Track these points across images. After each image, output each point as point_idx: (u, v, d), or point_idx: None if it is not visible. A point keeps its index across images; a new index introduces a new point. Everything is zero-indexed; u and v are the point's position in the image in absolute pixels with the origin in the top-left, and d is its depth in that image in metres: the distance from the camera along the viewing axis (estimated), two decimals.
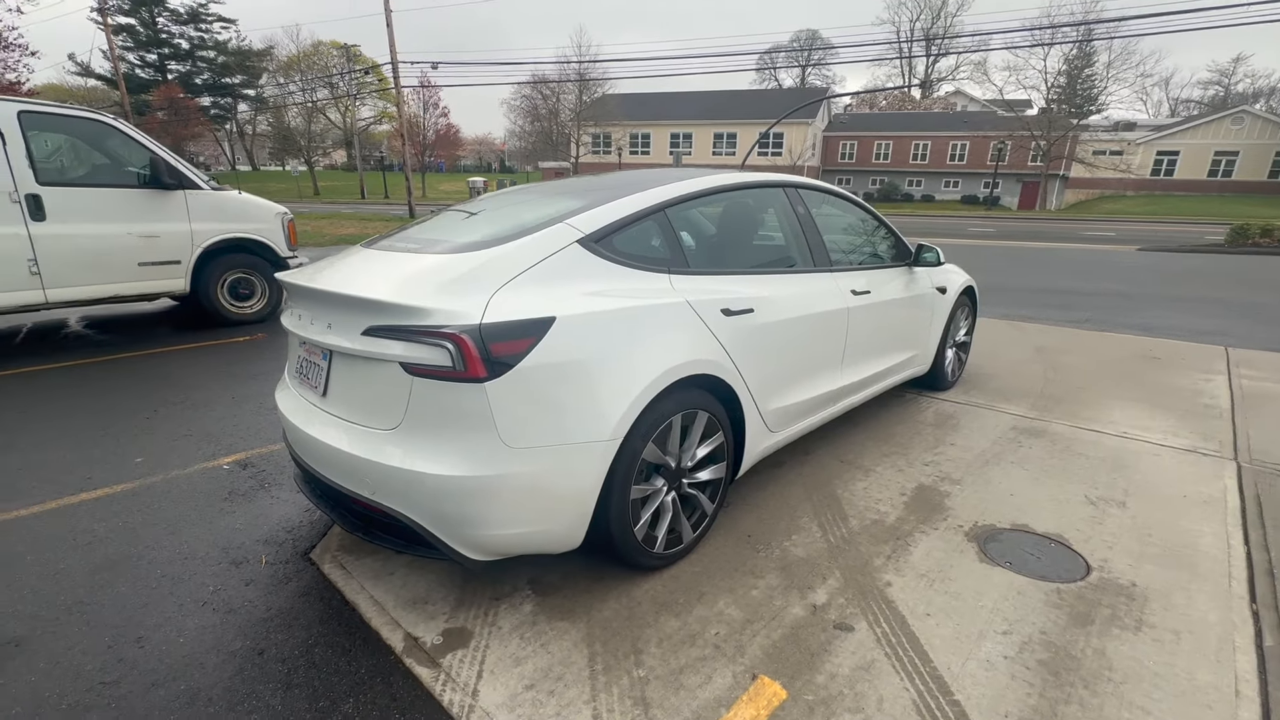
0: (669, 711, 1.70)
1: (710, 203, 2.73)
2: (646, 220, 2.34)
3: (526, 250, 2.03)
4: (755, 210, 3.01)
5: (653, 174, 2.77)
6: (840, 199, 3.46)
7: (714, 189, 2.64)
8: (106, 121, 5.35)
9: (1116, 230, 24.56)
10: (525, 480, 1.86)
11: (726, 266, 2.61)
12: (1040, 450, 3.41)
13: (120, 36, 50.85)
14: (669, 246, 2.38)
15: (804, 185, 3.14)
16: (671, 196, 2.44)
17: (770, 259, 2.94)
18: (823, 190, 3.35)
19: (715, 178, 2.69)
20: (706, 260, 2.60)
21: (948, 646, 1.93)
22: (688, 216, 2.59)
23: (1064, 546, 2.48)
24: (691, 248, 2.59)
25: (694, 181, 2.59)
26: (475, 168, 74.46)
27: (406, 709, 1.72)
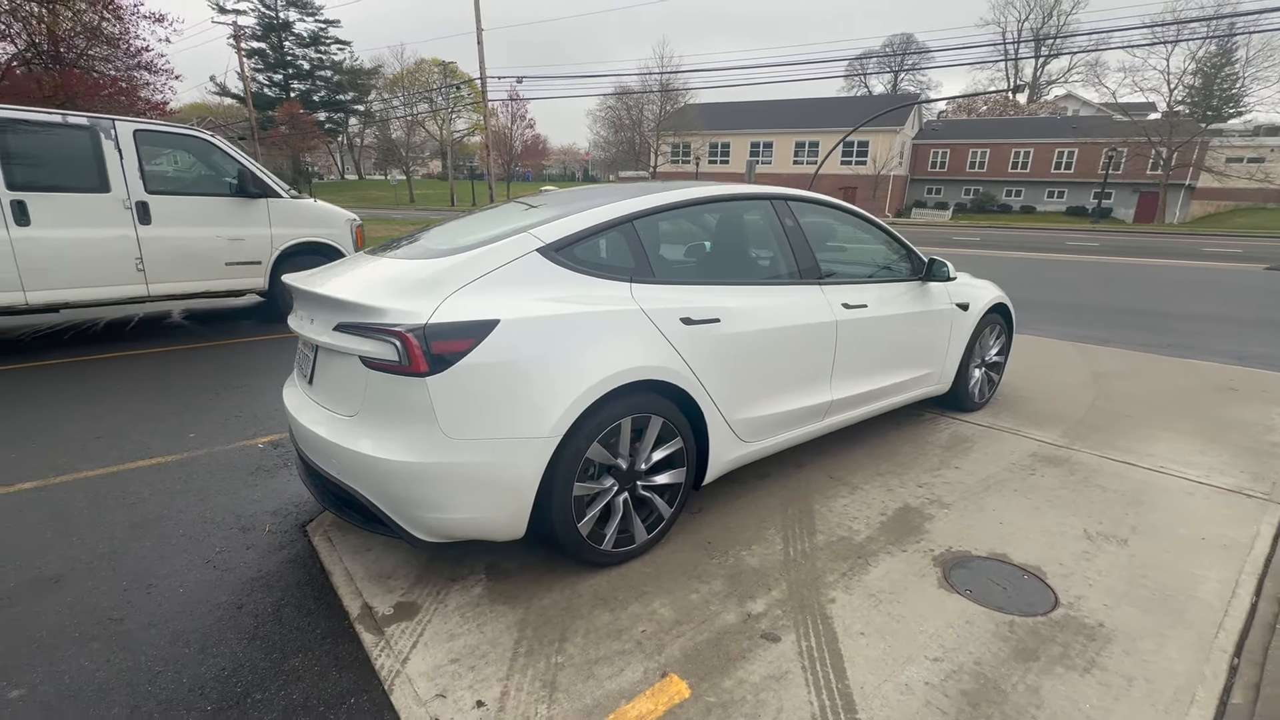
0: (572, 696, 1.79)
1: (685, 215, 2.79)
2: (611, 231, 2.45)
3: (487, 258, 2.20)
4: (735, 222, 3.04)
5: (643, 186, 2.88)
6: (843, 213, 3.41)
7: (686, 201, 2.71)
8: (204, 138, 6.08)
9: (1246, 247, 22.02)
10: (464, 469, 2.02)
11: (696, 277, 2.67)
12: (1053, 479, 3.20)
13: (253, 59, 56.63)
14: (634, 256, 2.47)
15: (797, 198, 3.13)
16: (639, 209, 2.54)
17: (747, 270, 2.97)
18: (822, 203, 3.33)
19: (692, 191, 2.76)
20: (676, 271, 2.66)
21: (870, 666, 1.90)
22: (660, 228, 2.67)
23: (1038, 580, 2.34)
24: (661, 258, 2.67)
25: (665, 195, 2.67)
26: (560, 177, 76.89)
27: (344, 668, 1.91)
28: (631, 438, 2.34)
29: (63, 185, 5.31)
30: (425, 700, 1.77)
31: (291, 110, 52.00)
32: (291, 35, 57.66)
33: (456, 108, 57.83)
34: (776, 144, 43.47)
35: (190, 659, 1.94)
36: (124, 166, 5.54)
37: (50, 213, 5.25)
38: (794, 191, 3.15)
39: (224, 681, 1.85)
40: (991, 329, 4.20)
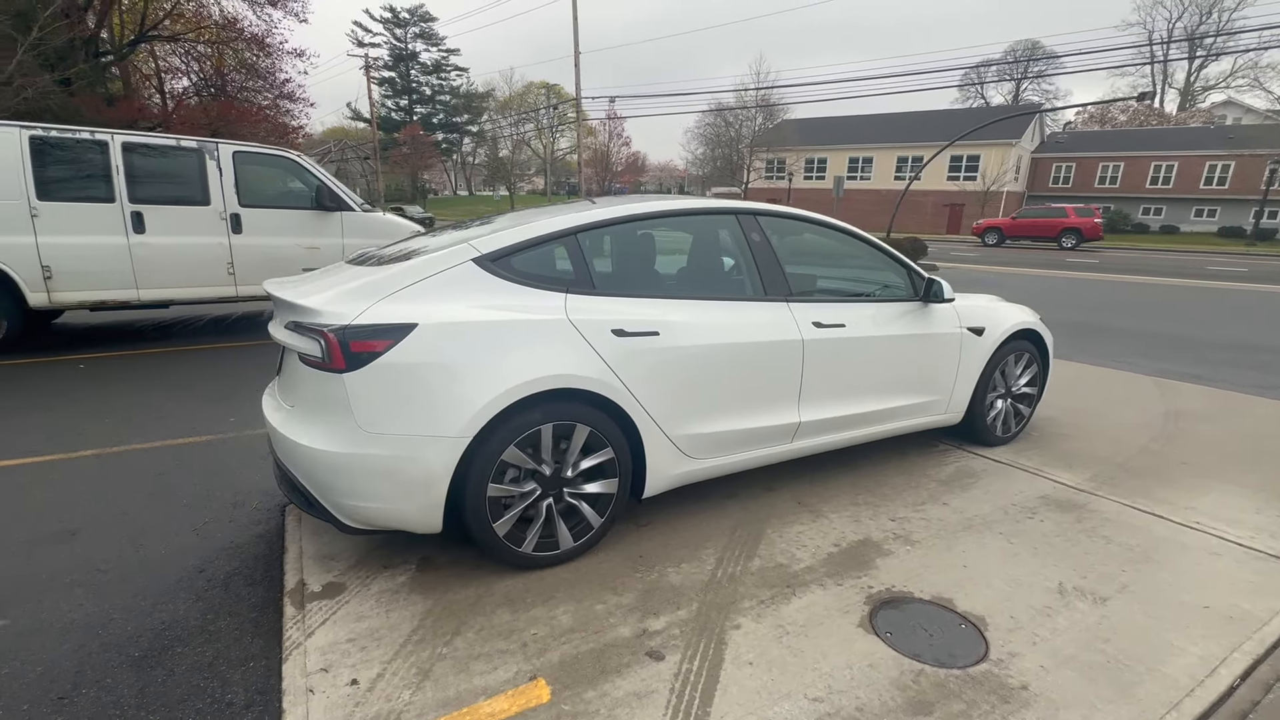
0: (439, 686, 1.86)
1: (639, 229, 2.81)
2: (553, 243, 2.53)
3: (424, 266, 2.35)
4: (695, 238, 3.02)
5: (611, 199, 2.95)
6: (832, 230, 3.28)
7: (639, 216, 2.74)
8: (291, 157, 6.84)
9: None
10: (377, 461, 2.16)
11: (641, 290, 2.67)
12: (1052, 525, 2.89)
13: (383, 87, 62.39)
14: (575, 268, 2.54)
15: (769, 213, 3.06)
16: (584, 222, 2.60)
17: (700, 285, 2.94)
18: (804, 220, 3.23)
19: (647, 205, 2.79)
20: (620, 283, 2.68)
21: (741, 697, 1.82)
22: (609, 242, 2.72)
23: (975, 630, 2.13)
24: (606, 271, 2.70)
25: (619, 209, 2.71)
26: (655, 192, 78.16)
27: (259, 635, 2.10)
28: (554, 445, 2.39)
29: (173, 199, 6.16)
30: (310, 672, 1.91)
31: (413, 132, 56.71)
32: (417, 64, 63.06)
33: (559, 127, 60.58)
34: (877, 159, 41.76)
35: (142, 610, 2.21)
36: (223, 183, 6.35)
37: (161, 222, 6.11)
38: (766, 206, 3.08)
39: (158, 633, 2.09)
40: (1017, 357, 3.84)
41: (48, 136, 5.66)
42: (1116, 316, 9.49)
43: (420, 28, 62.13)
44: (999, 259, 21.35)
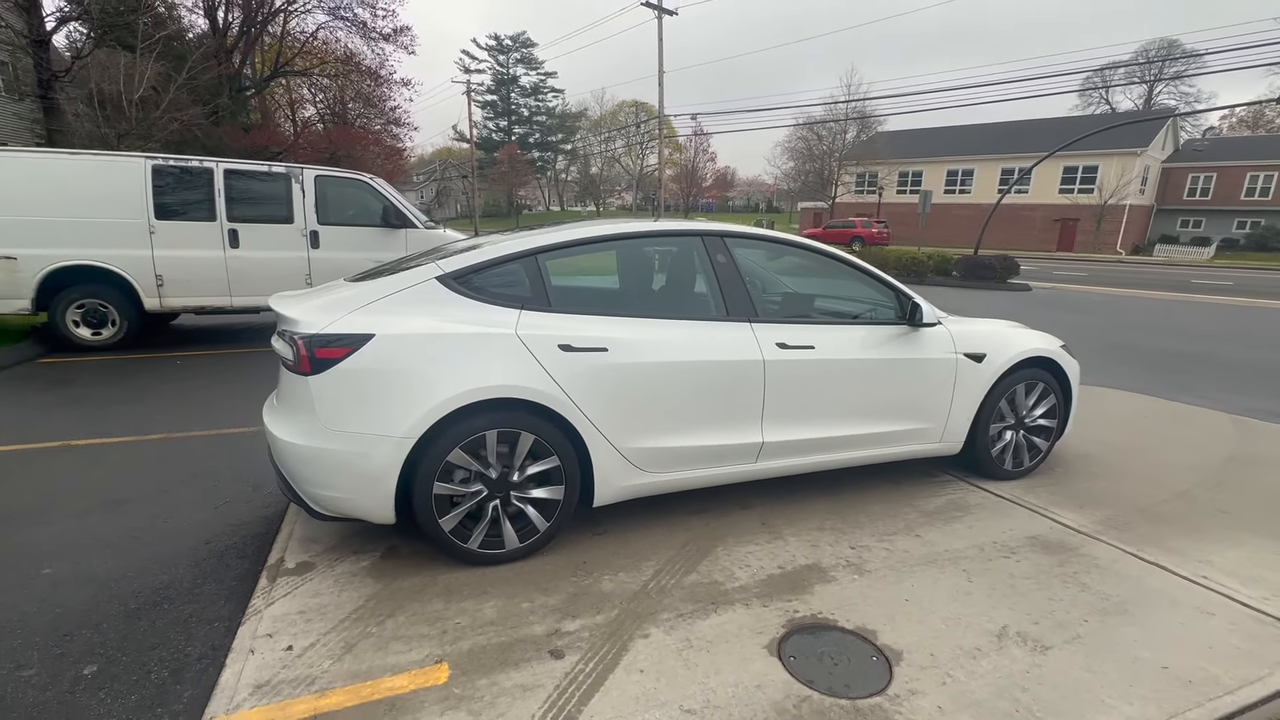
0: (357, 659, 2.07)
1: (600, 250, 2.95)
2: (513, 263, 2.73)
3: (393, 283, 2.63)
4: (654, 258, 3.11)
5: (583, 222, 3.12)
6: (806, 251, 3.27)
7: (599, 238, 2.89)
8: (364, 180, 7.56)
9: None
10: (336, 456, 2.43)
11: (596, 309, 2.80)
12: (1029, 567, 2.71)
13: (485, 110, 66.36)
14: (532, 286, 2.72)
15: (735, 234, 3.10)
16: (545, 244, 2.78)
17: (656, 305, 3.01)
18: (773, 241, 3.25)
19: (610, 227, 2.93)
20: (576, 301, 2.81)
21: (619, 701, 1.90)
22: (570, 262, 2.87)
23: (886, 664, 2.08)
24: (564, 289, 2.84)
25: (583, 231, 2.87)
26: (743, 209, 77.61)
27: (230, 601, 2.41)
28: (500, 450, 2.57)
29: (263, 218, 7.00)
30: (257, 636, 2.19)
31: (510, 152, 59.78)
32: (517, 87, 66.61)
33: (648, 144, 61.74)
34: (978, 171, 39.33)
35: (151, 571, 2.60)
36: (304, 204, 7.13)
37: (252, 238, 6.95)
38: (734, 228, 3.13)
39: (155, 591, 2.46)
40: (1029, 387, 3.60)
41: (165, 165, 6.63)
42: (1231, 346, 8.46)
43: (521, 53, 65.70)
44: (1110, 279, 19.46)
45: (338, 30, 25.86)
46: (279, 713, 1.84)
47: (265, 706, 1.86)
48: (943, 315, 3.45)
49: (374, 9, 25.44)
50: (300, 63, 26.15)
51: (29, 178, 6.17)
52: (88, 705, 1.88)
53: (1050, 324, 9.91)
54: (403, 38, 26.50)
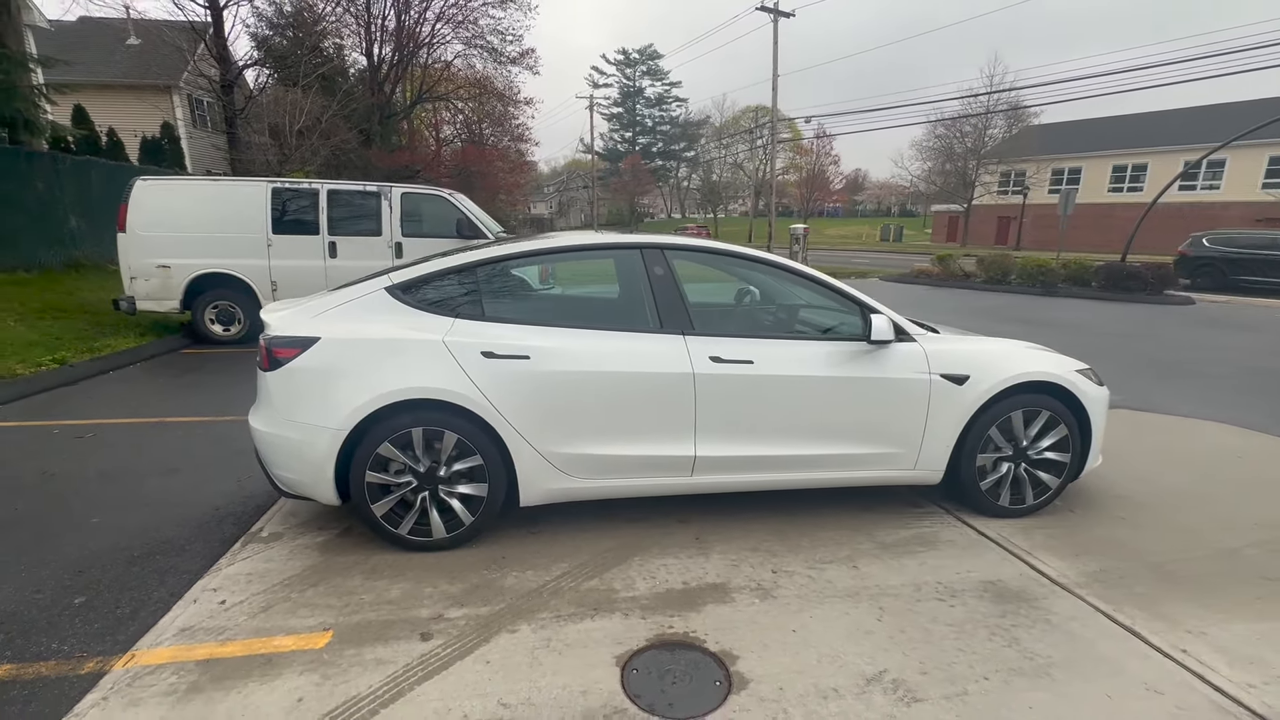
0: (269, 618, 2.39)
1: (535, 263, 3.09)
2: (452, 276, 2.97)
3: (350, 293, 2.97)
4: (590, 270, 3.17)
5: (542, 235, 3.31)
6: (757, 264, 3.18)
7: (536, 251, 3.03)
8: (443, 195, 8.31)
9: None
10: (287, 442, 2.80)
11: (525, 318, 2.95)
12: (962, 614, 2.45)
13: (612, 122, 68.88)
14: (469, 297, 2.94)
15: (676, 247, 3.09)
16: (485, 257, 2.99)
17: (591, 315, 3.07)
18: (720, 253, 3.21)
19: (549, 241, 3.07)
20: (508, 311, 2.97)
21: (453, 687, 2.03)
22: (507, 274, 3.04)
23: (725, 691, 2.01)
24: (500, 299, 3.01)
25: (523, 245, 3.05)
26: (873, 213, 73.53)
27: (204, 558, 2.85)
28: (426, 446, 2.81)
29: (356, 231, 7.95)
30: (206, 589, 2.59)
31: (633, 162, 61.56)
32: (642, 99, 68.42)
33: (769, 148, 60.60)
34: (1153, 165, 34.11)
35: (163, 528, 3.14)
36: (392, 219, 7.99)
37: (348, 249, 7.91)
38: (676, 240, 3.12)
39: (156, 544, 2.98)
40: (1031, 416, 3.20)
41: (281, 187, 7.77)
42: None
43: (648, 65, 67.44)
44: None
45: (472, 58, 28.33)
46: (184, 653, 2.20)
47: (177, 646, 2.23)
48: (919, 331, 3.18)
49: (503, 35, 27.56)
50: (440, 88, 28.93)
51: (178, 200, 7.52)
52: (65, 625, 2.36)
53: (1190, 343, 8.49)
54: (528, 60, 28.44)
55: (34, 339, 6.93)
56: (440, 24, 26.56)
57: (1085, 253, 25.43)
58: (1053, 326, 9.87)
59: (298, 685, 2.04)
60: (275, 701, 1.97)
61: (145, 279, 7.53)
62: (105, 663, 2.15)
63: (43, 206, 9.43)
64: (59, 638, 2.29)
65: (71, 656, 2.18)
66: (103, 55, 20.98)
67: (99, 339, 7.22)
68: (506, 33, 27.60)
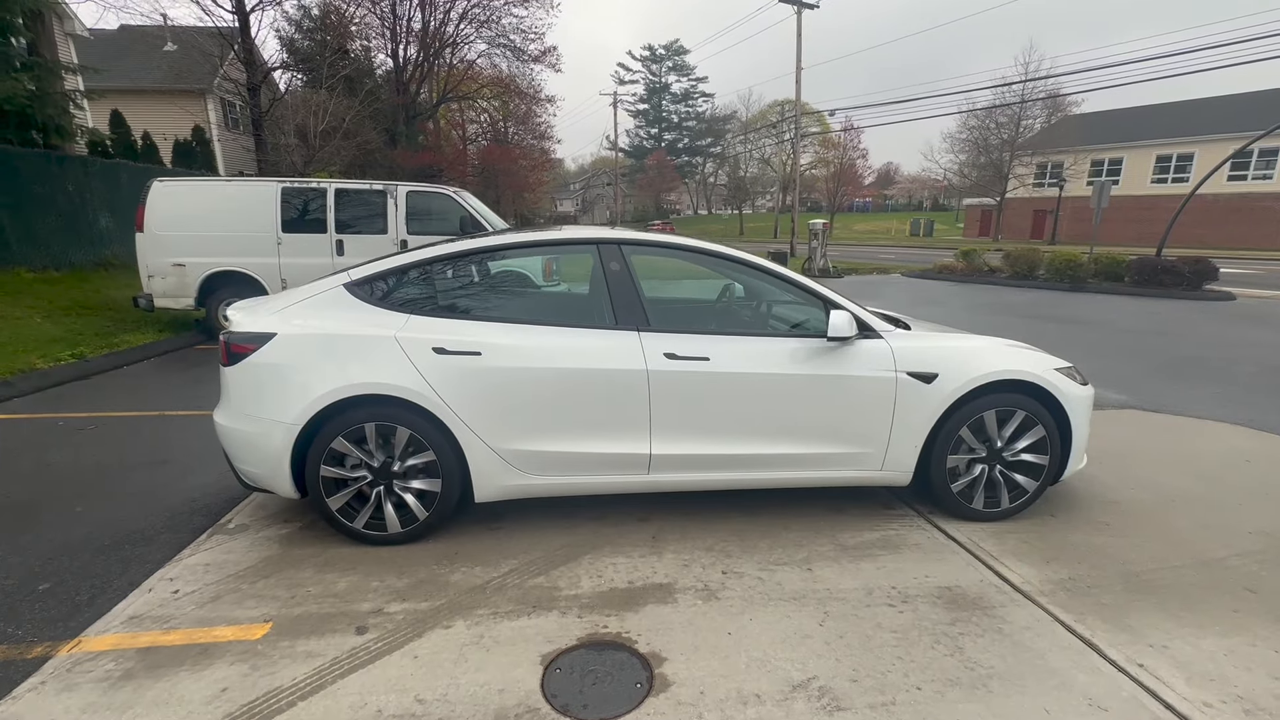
0: (211, 609, 2.44)
1: (491, 259, 3.08)
2: (410, 271, 2.99)
3: (308, 290, 3.01)
4: (550, 266, 3.14)
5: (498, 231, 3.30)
6: (718, 259, 3.11)
7: (493, 247, 3.03)
8: (447, 194, 8.39)
9: None
10: (246, 435, 2.85)
11: (480, 314, 2.94)
12: (909, 620, 2.36)
13: (638, 119, 68.76)
14: (424, 293, 2.95)
15: (633, 242, 3.04)
16: (442, 253, 3.00)
17: (545, 311, 3.05)
18: (678, 248, 3.14)
19: (504, 237, 3.05)
20: (462, 307, 2.97)
21: (375, 681, 2.04)
22: (462, 270, 3.04)
23: (644, 693, 1.98)
24: (454, 295, 3.01)
25: (479, 241, 3.04)
26: (905, 207, 71.94)
27: (170, 547, 2.92)
28: (380, 441, 2.83)
29: (362, 229, 8.08)
30: (162, 579, 2.66)
31: (659, 158, 61.38)
32: (668, 94, 68.11)
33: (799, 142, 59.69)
34: (1200, 154, 32.58)
35: (137, 518, 3.23)
36: (397, 216, 8.11)
37: (354, 247, 8.04)
38: (633, 236, 3.07)
39: (128, 534, 3.06)
40: (1006, 416, 3.07)
41: (291, 187, 7.94)
42: None
43: (674, 60, 67.11)
44: None
45: (494, 56, 28.61)
46: (127, 641, 2.25)
47: (121, 634, 2.29)
48: (887, 327, 3.08)
49: (525, 34, 27.74)
50: (463, 88, 29.29)
51: (193, 201, 7.75)
52: (24, 611, 2.44)
53: (1219, 339, 8.07)
54: (549, 58, 28.58)
55: (57, 335, 7.24)
56: (463, 24, 26.89)
57: (1127, 247, 24.46)
58: (1073, 323, 9.51)
59: (225, 675, 2.07)
60: (200, 691, 2.00)
61: (162, 277, 7.78)
62: (53, 648, 2.22)
63: (73, 208, 9.85)
64: (16, 622, 2.37)
65: (23, 641, 2.26)
66: (142, 62, 21.78)
67: (118, 335, 7.51)
68: (528, 31, 27.81)
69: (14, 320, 7.52)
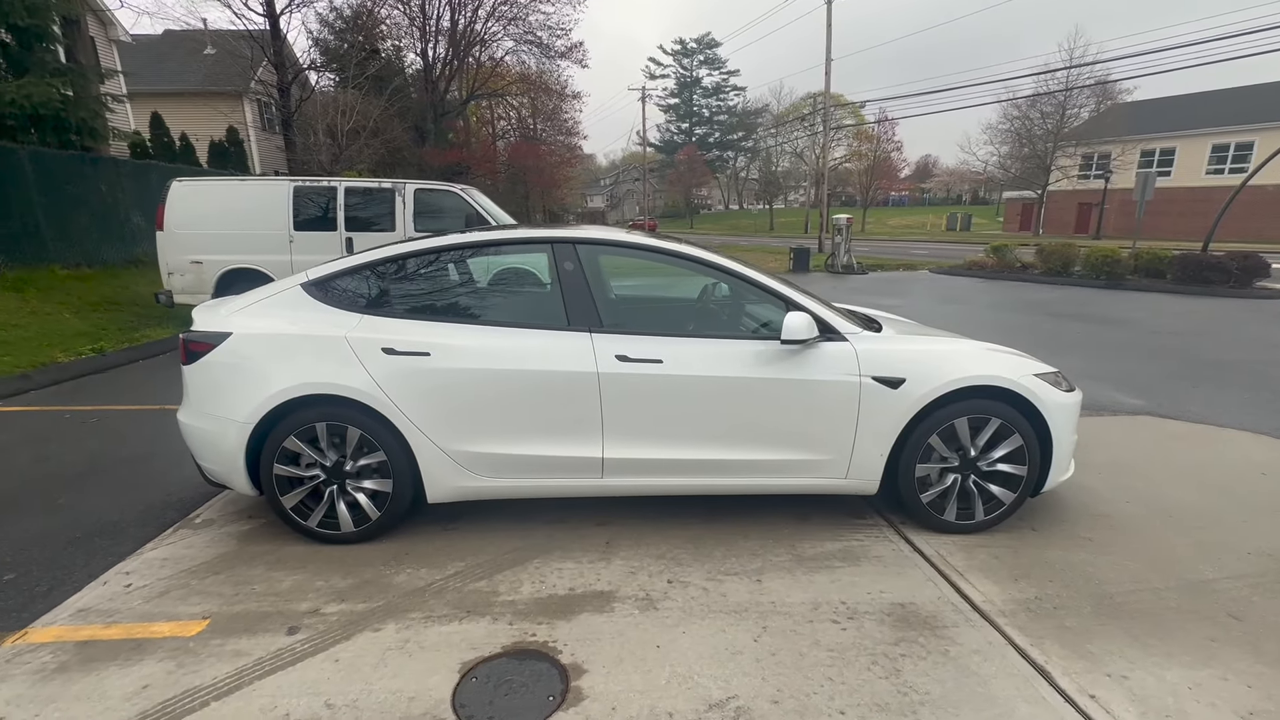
0: (157, 604, 2.48)
1: (444, 259, 3.04)
2: (364, 271, 2.98)
3: (269, 289, 3.04)
4: (504, 266, 3.09)
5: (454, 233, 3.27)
6: (676, 259, 3.02)
7: (447, 247, 3.00)
8: (454, 191, 8.45)
9: None
10: (204, 433, 2.90)
11: (431, 315, 2.92)
12: (851, 638, 2.25)
13: (669, 114, 68.37)
14: (377, 293, 2.95)
15: (588, 241, 2.97)
16: (395, 253, 2.99)
17: (495, 312, 3.00)
18: (635, 247, 3.06)
19: (458, 237, 3.03)
20: (413, 308, 2.93)
21: (290, 684, 2.04)
22: (414, 270, 3.01)
23: (556, 704, 1.93)
24: (405, 295, 2.98)
25: (431, 242, 3.02)
26: (943, 200, 69.89)
27: (136, 541, 2.99)
28: (332, 441, 2.84)
29: (371, 227, 8.20)
30: (119, 572, 2.72)
31: (689, 153, 60.93)
32: (699, 88, 67.53)
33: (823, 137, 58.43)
34: (1259, 143, 30.69)
35: (112, 511, 3.32)
36: (405, 214, 8.20)
37: (363, 244, 8.16)
38: (589, 234, 3.00)
39: (100, 526, 3.15)
40: (979, 423, 2.91)
41: (302, 186, 8.10)
42: None
43: (705, 54, 66.47)
44: None
45: (521, 53, 28.77)
46: (70, 633, 2.31)
47: (65, 627, 2.34)
48: (853, 329, 2.95)
49: (552, 30, 27.82)
50: (491, 84, 29.56)
51: (210, 200, 7.98)
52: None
53: (1259, 341, 7.59)
54: (576, 53, 28.60)
55: (82, 329, 7.56)
56: (491, 22, 27.11)
57: (1176, 242, 23.28)
58: (1103, 322, 9.06)
59: (151, 672, 2.10)
60: (123, 686, 2.03)
61: (181, 274, 8.04)
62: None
63: (105, 207, 10.27)
64: None
65: None
66: (182, 66, 22.61)
67: (139, 330, 7.80)
68: (555, 27, 27.87)
69: (44, 315, 7.88)
